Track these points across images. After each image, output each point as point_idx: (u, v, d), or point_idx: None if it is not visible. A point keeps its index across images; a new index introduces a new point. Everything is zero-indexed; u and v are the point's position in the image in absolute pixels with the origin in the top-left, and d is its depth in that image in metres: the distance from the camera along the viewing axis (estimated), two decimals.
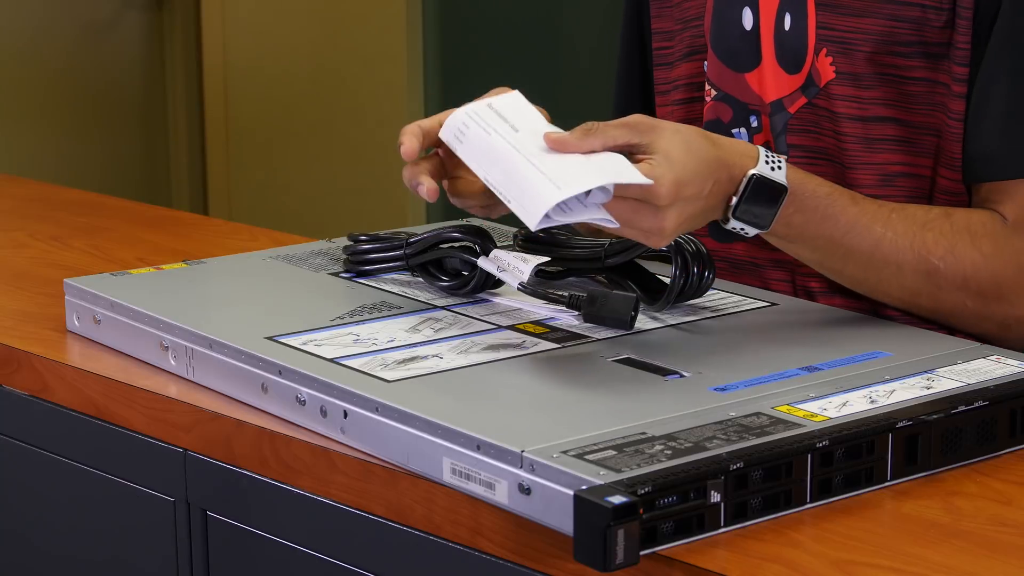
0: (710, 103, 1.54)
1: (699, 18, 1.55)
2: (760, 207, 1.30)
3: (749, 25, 1.50)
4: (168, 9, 4.28)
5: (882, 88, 1.43)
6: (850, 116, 1.45)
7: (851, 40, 1.43)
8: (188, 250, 1.76)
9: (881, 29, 1.42)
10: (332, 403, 1.19)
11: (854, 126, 1.45)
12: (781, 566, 1.00)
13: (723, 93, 1.52)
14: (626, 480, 1.00)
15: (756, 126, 1.51)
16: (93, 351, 1.42)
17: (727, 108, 1.53)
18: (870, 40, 1.43)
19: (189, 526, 1.32)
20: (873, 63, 1.43)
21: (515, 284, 1.36)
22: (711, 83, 1.54)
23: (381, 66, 3.97)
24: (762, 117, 1.50)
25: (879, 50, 1.42)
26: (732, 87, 1.52)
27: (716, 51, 1.53)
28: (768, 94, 1.49)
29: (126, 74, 4.24)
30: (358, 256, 1.48)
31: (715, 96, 1.53)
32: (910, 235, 1.36)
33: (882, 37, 1.42)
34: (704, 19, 1.54)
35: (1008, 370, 1.21)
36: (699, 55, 1.55)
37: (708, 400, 1.15)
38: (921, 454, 1.12)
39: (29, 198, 2.17)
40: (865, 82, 1.44)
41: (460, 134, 1.31)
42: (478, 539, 1.10)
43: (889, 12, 1.42)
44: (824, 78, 1.45)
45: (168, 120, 4.31)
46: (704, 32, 1.54)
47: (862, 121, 1.44)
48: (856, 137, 1.45)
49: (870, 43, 1.43)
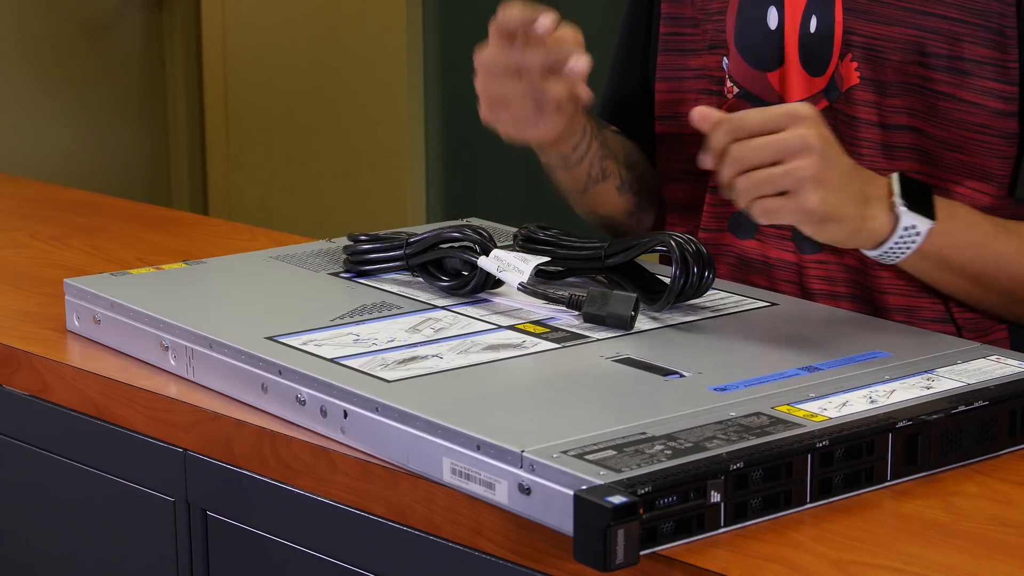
0: (731, 100, 1.53)
1: (722, 12, 1.54)
2: (919, 195, 1.31)
3: (774, 25, 1.49)
4: (168, 9, 4.28)
5: (905, 98, 1.43)
6: (870, 122, 1.44)
7: (878, 47, 1.43)
8: (188, 250, 1.76)
9: (910, 39, 1.42)
10: (332, 403, 1.19)
11: (873, 132, 1.44)
12: (781, 566, 1.00)
13: (745, 91, 1.52)
14: (626, 480, 1.00)
15: None
16: (93, 351, 1.42)
17: (748, 106, 1.52)
18: (898, 49, 1.42)
19: (189, 526, 1.32)
20: (899, 72, 1.42)
21: (515, 284, 1.37)
22: (733, 80, 1.53)
23: (381, 66, 3.97)
24: None
25: (906, 60, 1.42)
26: (753, 85, 1.51)
27: (739, 48, 1.52)
28: (789, 95, 1.48)
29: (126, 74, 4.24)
30: (358, 256, 1.48)
31: (737, 94, 1.53)
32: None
33: (910, 47, 1.42)
34: (727, 15, 1.54)
35: (1008, 370, 1.21)
36: (719, 50, 1.55)
37: (708, 400, 1.15)
38: (921, 454, 1.12)
39: (29, 198, 2.17)
40: (889, 90, 1.43)
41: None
42: (478, 539, 1.10)
43: (919, 22, 1.41)
44: (847, 83, 1.45)
45: (168, 120, 4.31)
46: (725, 28, 1.54)
47: (882, 128, 1.44)
48: (874, 143, 1.44)
49: (898, 52, 1.42)
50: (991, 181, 1.42)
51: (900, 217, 1.32)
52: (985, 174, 1.42)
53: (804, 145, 1.26)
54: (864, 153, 1.44)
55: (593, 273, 1.43)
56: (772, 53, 1.49)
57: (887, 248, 1.33)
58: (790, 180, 1.26)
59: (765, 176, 1.26)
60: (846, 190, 1.28)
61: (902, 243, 1.33)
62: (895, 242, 1.33)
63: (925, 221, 1.32)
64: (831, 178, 1.27)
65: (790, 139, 1.26)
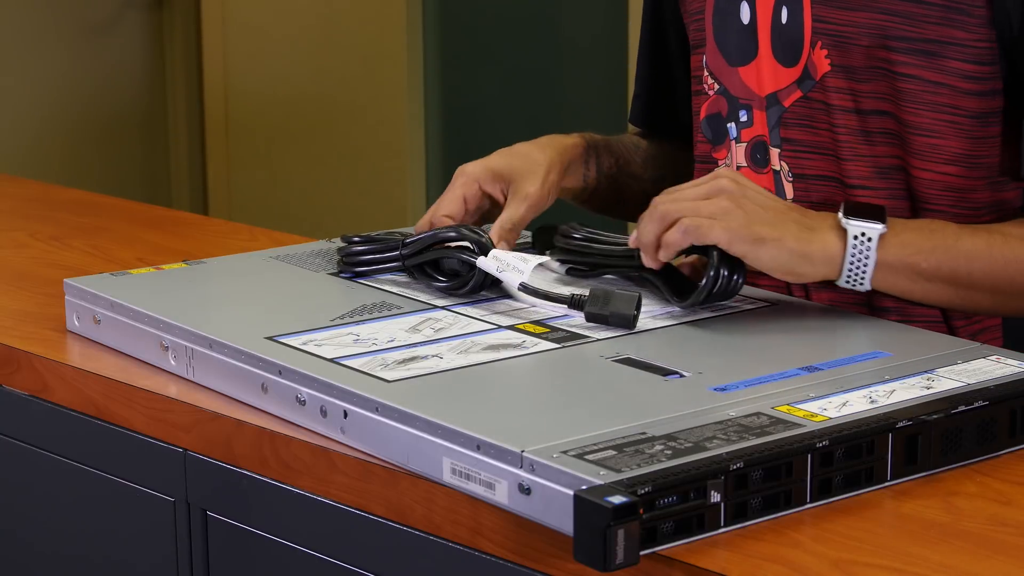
0: (712, 96, 1.54)
1: (701, 12, 1.56)
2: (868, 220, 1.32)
3: (747, 19, 1.50)
4: (168, 9, 4.28)
5: (876, 83, 1.44)
6: (845, 109, 1.45)
7: (846, 34, 1.44)
8: (188, 250, 1.76)
9: (874, 23, 1.42)
10: (332, 403, 1.19)
11: (849, 118, 1.45)
12: (781, 566, 1.00)
13: (723, 87, 1.53)
14: (626, 480, 1.00)
15: (745, 120, 1.51)
16: (93, 351, 1.42)
17: (725, 102, 1.53)
18: (864, 34, 1.43)
19: (189, 526, 1.32)
20: (868, 57, 1.43)
21: (515, 284, 1.37)
22: (714, 77, 1.54)
23: (381, 66, 3.97)
24: (753, 111, 1.50)
25: (873, 44, 1.43)
26: (727, 80, 1.53)
27: (718, 44, 1.53)
28: (764, 88, 1.49)
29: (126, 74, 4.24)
30: (352, 258, 1.47)
31: (717, 90, 1.54)
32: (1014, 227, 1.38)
33: (875, 31, 1.42)
34: (705, 13, 1.55)
35: (1008, 370, 1.21)
36: (700, 49, 1.56)
37: (708, 400, 1.15)
38: (921, 454, 1.12)
39: (29, 198, 2.17)
40: (860, 76, 1.44)
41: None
42: (478, 539, 1.10)
43: (882, 6, 1.42)
44: (820, 71, 1.46)
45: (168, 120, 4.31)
46: (704, 26, 1.55)
47: (858, 113, 1.45)
48: (851, 129, 1.45)
49: (864, 37, 1.43)
50: (962, 163, 1.43)
51: (847, 229, 1.32)
52: (956, 157, 1.42)
53: (720, 188, 1.33)
54: (843, 140, 1.45)
55: (627, 271, 1.43)
56: (746, 47, 1.51)
57: (847, 268, 1.33)
58: (712, 207, 1.32)
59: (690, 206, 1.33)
60: (776, 216, 1.32)
61: (859, 255, 1.32)
62: (851, 257, 1.32)
63: (873, 226, 1.32)
64: (755, 201, 1.33)
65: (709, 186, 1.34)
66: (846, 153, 1.44)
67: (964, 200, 1.42)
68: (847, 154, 1.44)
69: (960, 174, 1.43)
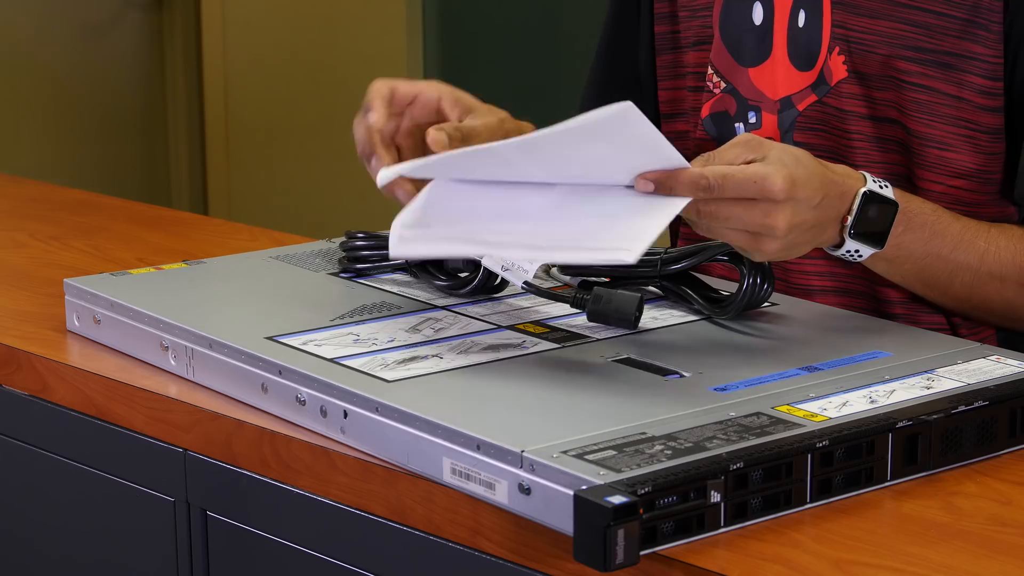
0: (719, 95, 1.53)
1: (708, 8, 1.55)
2: (874, 225, 1.30)
3: (759, 20, 1.50)
4: (168, 9, 4.28)
5: (891, 91, 1.43)
6: (859, 115, 1.45)
7: (865, 41, 1.43)
8: (188, 250, 1.76)
9: (894, 32, 1.42)
10: (332, 403, 1.19)
11: (863, 124, 1.45)
12: (781, 566, 1.00)
13: (731, 86, 1.52)
14: (626, 480, 1.00)
15: (755, 122, 1.51)
16: (93, 351, 1.42)
17: (733, 101, 1.53)
18: (884, 43, 1.42)
19: (189, 526, 1.32)
20: (885, 66, 1.43)
21: (519, 283, 1.36)
22: (720, 75, 1.53)
23: (381, 66, 3.97)
24: (762, 113, 1.50)
25: (892, 53, 1.42)
26: (736, 80, 1.52)
27: (725, 43, 1.53)
28: (777, 91, 1.49)
29: (126, 74, 4.24)
30: (354, 253, 1.47)
31: (724, 88, 1.53)
32: (1012, 249, 1.38)
33: (895, 41, 1.42)
34: (713, 10, 1.54)
35: (1008, 370, 1.21)
36: (704, 46, 1.55)
37: (708, 400, 1.15)
38: (921, 454, 1.12)
39: (29, 198, 2.17)
40: (876, 83, 1.44)
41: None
42: (478, 539, 1.10)
43: (903, 16, 1.42)
44: (836, 77, 1.45)
45: (168, 120, 4.31)
46: (712, 23, 1.54)
47: (872, 121, 1.45)
48: (865, 135, 1.45)
49: (883, 45, 1.43)
50: (974, 179, 1.43)
51: (844, 242, 1.31)
52: (969, 171, 1.42)
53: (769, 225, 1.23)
54: (856, 146, 1.45)
55: (645, 282, 1.39)
56: (757, 48, 1.50)
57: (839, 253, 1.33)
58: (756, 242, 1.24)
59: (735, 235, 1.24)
60: (811, 236, 1.27)
61: (846, 256, 1.32)
62: (840, 255, 1.32)
63: (869, 248, 1.31)
64: (800, 228, 1.25)
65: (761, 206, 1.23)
66: (859, 159, 1.44)
67: (970, 214, 1.42)
68: (860, 160, 1.44)
69: (970, 188, 1.43)
